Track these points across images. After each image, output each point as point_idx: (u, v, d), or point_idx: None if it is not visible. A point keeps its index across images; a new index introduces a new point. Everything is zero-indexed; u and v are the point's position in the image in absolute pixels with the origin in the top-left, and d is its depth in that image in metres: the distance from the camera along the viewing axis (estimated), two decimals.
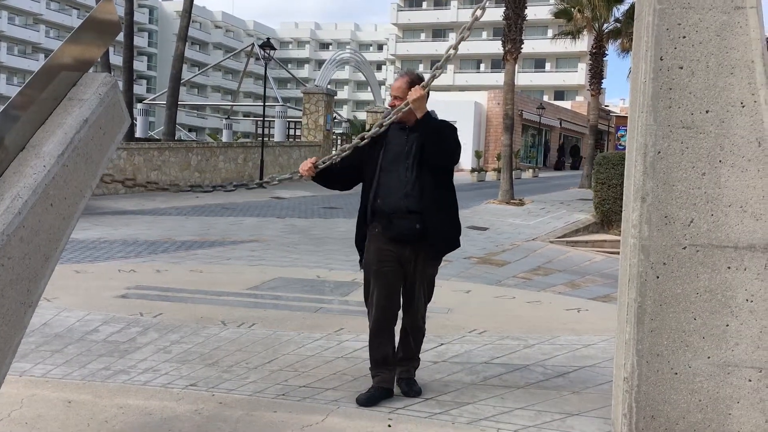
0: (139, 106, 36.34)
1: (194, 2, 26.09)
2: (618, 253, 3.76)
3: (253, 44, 39.80)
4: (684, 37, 3.10)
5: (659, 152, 3.12)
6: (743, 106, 3.07)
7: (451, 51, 3.71)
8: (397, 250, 3.84)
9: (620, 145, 38.09)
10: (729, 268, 3.08)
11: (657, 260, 3.12)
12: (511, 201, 20.92)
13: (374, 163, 3.93)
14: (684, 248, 3.10)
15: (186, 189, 4.59)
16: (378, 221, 3.88)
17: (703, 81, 3.10)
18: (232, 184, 4.26)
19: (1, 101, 43.29)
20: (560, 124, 49.74)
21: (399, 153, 3.89)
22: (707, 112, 3.10)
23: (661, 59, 3.12)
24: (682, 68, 3.11)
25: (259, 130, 36.61)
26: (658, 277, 3.12)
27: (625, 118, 36.60)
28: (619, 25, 30.36)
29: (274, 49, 26.85)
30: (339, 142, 31.76)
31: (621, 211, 3.55)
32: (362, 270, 4.00)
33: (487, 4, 3.61)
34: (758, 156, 3.07)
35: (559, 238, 14.68)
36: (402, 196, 3.81)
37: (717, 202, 3.09)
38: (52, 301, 6.05)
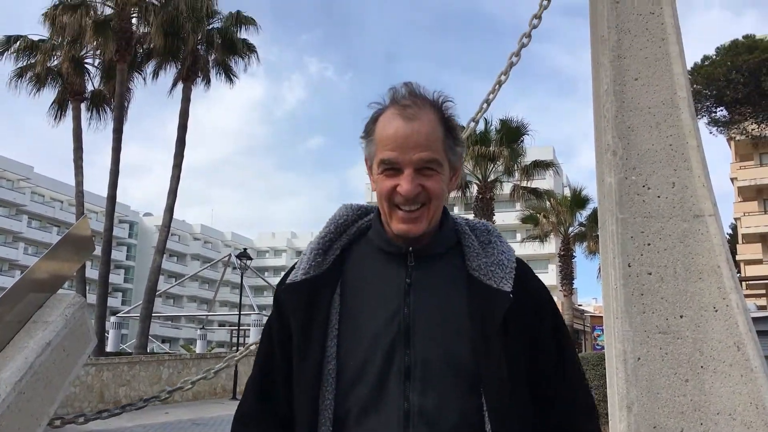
0: (112, 319, 35.94)
1: (174, 216, 26.89)
2: None
3: (230, 255, 40.51)
4: (649, 244, 3.19)
5: (639, 358, 3.06)
6: (716, 311, 3.08)
7: None
8: None
9: (597, 345, 38.10)
10: None
11: None
12: None
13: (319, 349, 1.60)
14: None
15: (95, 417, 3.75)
16: None
17: (674, 286, 3.13)
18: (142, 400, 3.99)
19: None
20: None
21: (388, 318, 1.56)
22: (681, 317, 3.10)
23: (629, 266, 3.18)
24: (650, 274, 3.16)
25: (234, 339, 36.08)
26: None
27: (600, 317, 36.87)
28: (584, 228, 31.69)
29: (251, 258, 27.32)
30: None
31: (606, 415, 3.42)
32: None
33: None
34: (739, 360, 3.02)
35: None
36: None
37: (705, 410, 2.99)
38: None
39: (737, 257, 44.44)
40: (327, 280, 1.57)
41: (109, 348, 30.53)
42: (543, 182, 39.63)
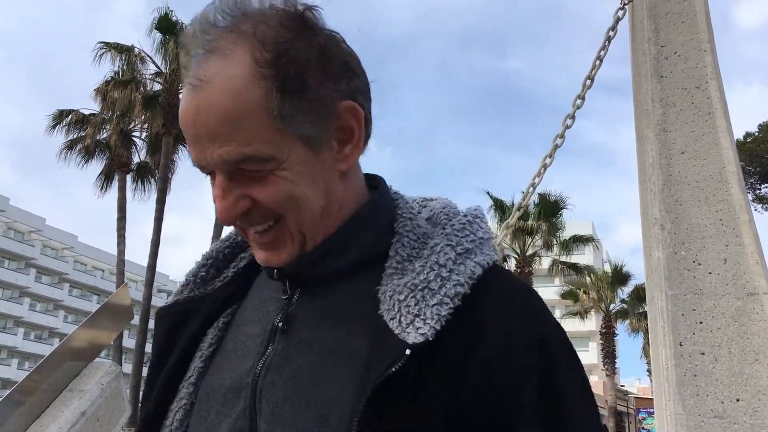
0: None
1: None
2: None
3: None
4: (701, 322, 3.06)
5: None
6: None
7: None
8: None
9: (643, 428, 36.64)
10: None
11: None
12: None
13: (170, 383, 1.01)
14: None
15: None
16: None
17: (728, 368, 2.98)
18: None
19: (9, 386, 43.03)
20: None
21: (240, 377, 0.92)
22: (738, 400, 2.94)
23: (681, 345, 3.05)
24: (703, 354, 3.02)
25: None
26: None
27: (645, 399, 35.59)
28: (625, 305, 30.98)
29: None
30: None
31: None
32: None
33: None
34: None
35: None
36: None
37: None
38: None
39: None
40: (208, 305, 1.02)
41: None
42: (582, 257, 39.15)
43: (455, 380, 0.78)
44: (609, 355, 30.55)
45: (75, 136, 27.94)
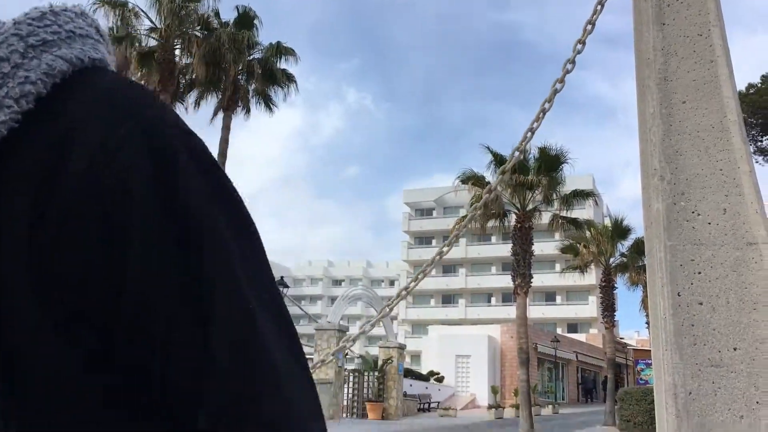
0: None
1: None
2: None
3: None
4: (699, 272, 3.06)
5: (690, 393, 2.92)
6: None
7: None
8: None
9: (641, 379, 37.20)
10: None
11: None
12: None
13: None
14: None
15: None
16: None
17: (726, 317, 2.99)
18: None
19: None
20: (576, 357, 48.90)
21: None
22: (735, 349, 2.95)
23: (679, 295, 3.05)
24: (701, 304, 3.02)
25: None
26: None
27: (643, 351, 36.04)
28: (625, 259, 31.10)
29: (288, 287, 27.41)
30: (351, 378, 31.09)
31: None
32: None
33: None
34: None
35: None
36: None
37: None
38: None
39: None
40: None
41: None
42: (583, 212, 39.19)
43: (41, 197, 0.55)
44: (608, 308, 30.80)
45: None
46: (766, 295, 2.98)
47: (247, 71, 27.79)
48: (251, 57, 27.93)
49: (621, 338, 55.68)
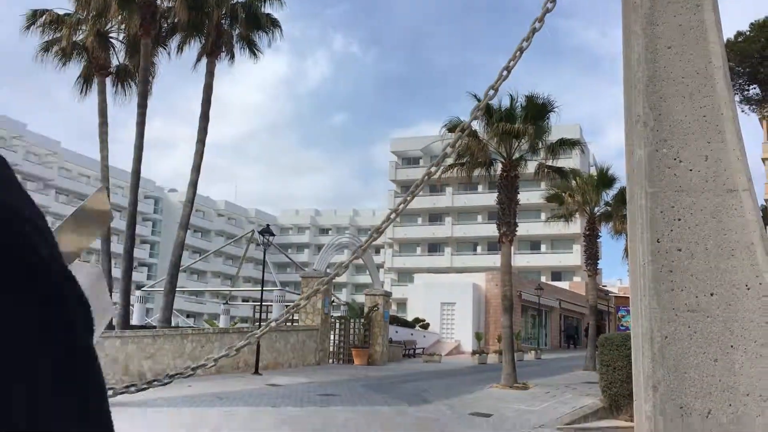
0: (137, 293, 36.39)
1: (198, 192, 27.03)
2: None
3: (253, 231, 40.76)
4: (679, 219, 3.07)
5: (666, 337, 2.96)
6: (748, 289, 2.96)
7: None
8: None
9: (622, 325, 37.85)
10: None
11: None
12: (515, 385, 20.26)
13: None
14: None
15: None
16: None
17: (704, 263, 3.02)
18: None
19: None
20: (559, 304, 49.65)
21: None
22: (712, 294, 2.99)
23: (658, 241, 3.07)
24: (680, 250, 3.05)
25: (257, 315, 36.41)
26: None
27: (625, 298, 36.60)
28: (609, 208, 31.28)
29: (273, 235, 27.41)
30: (337, 325, 31.45)
31: (630, 395, 3.32)
32: None
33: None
34: None
35: (567, 425, 13.98)
36: None
37: (734, 390, 2.88)
38: None
39: None
40: None
41: (134, 321, 30.95)
42: (569, 161, 39.22)
43: None
44: (592, 256, 31.13)
45: (50, 38, 27.04)
46: (745, 242, 3.00)
47: (231, 15, 27.20)
48: (235, 0, 27.31)
49: (604, 286, 56.52)
